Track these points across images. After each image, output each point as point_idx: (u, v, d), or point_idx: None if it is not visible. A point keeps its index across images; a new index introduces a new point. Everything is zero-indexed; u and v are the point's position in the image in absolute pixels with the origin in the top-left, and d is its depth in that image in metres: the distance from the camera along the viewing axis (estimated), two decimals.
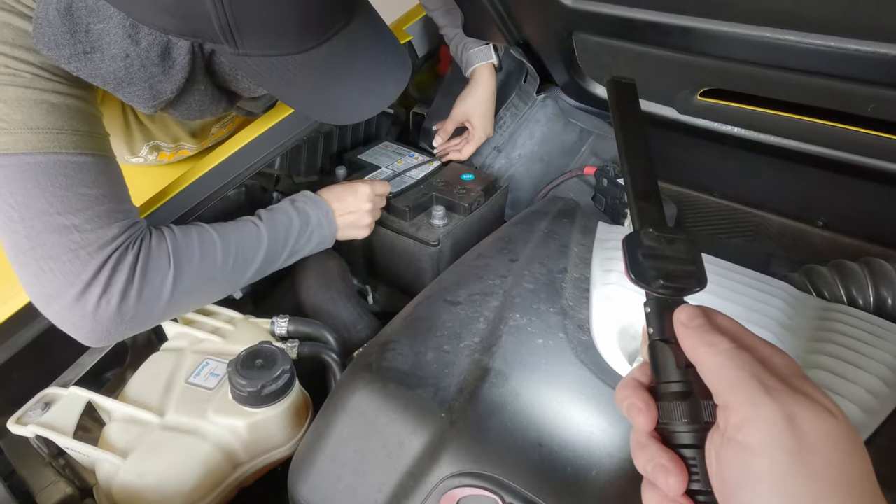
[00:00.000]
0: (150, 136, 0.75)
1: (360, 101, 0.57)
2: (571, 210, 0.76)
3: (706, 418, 0.28)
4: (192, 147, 0.83)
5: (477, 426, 0.41)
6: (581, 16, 0.66)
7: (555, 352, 0.48)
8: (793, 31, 0.52)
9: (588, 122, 0.96)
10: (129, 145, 0.74)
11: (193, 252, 0.55)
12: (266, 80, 0.51)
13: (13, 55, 0.47)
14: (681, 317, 0.30)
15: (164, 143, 0.78)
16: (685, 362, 0.29)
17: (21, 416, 0.52)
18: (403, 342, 0.49)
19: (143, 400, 0.54)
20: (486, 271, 0.60)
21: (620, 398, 0.31)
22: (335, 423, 0.46)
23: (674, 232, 0.33)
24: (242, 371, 0.51)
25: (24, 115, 0.48)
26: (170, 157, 0.83)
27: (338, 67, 0.52)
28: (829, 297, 0.67)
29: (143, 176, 0.86)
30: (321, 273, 0.75)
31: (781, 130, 0.71)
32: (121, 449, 0.50)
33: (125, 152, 0.76)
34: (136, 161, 0.79)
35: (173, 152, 0.82)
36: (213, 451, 0.51)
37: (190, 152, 0.85)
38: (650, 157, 0.38)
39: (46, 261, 0.49)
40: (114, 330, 0.52)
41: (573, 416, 0.42)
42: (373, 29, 0.56)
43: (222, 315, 0.65)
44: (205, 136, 0.83)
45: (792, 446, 0.23)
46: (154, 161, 0.81)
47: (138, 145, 0.75)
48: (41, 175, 0.48)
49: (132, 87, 0.50)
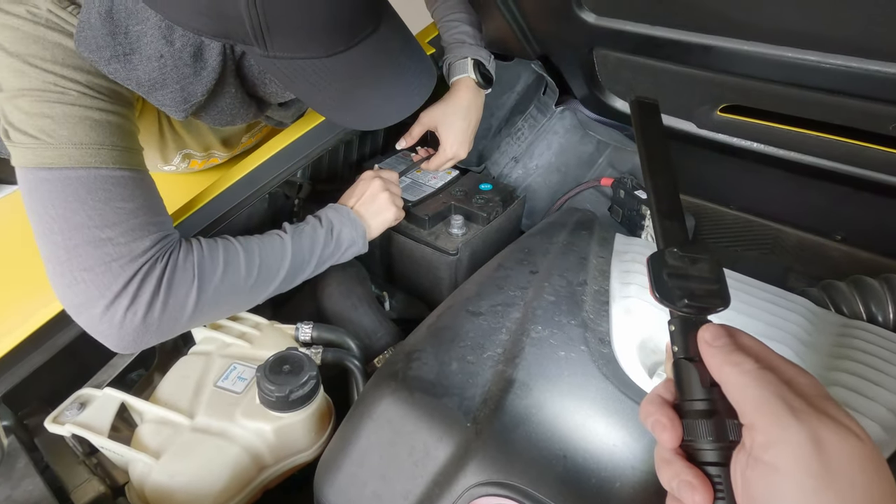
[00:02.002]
0: (183, 144, 0.77)
1: (386, 107, 0.58)
2: (589, 221, 0.77)
3: (731, 437, 0.28)
4: (222, 155, 0.85)
5: (502, 436, 0.42)
6: (603, 32, 0.67)
7: (577, 364, 0.49)
8: (814, 52, 0.53)
9: (606, 135, 0.97)
10: (163, 154, 0.77)
11: (217, 265, 0.57)
12: (294, 83, 0.52)
13: (62, 74, 0.50)
14: (705, 336, 0.30)
15: (195, 151, 0.80)
16: (710, 381, 0.30)
17: (58, 415, 0.54)
18: (428, 351, 0.51)
19: (174, 402, 0.56)
20: (506, 282, 0.61)
21: (645, 414, 0.31)
22: (362, 430, 0.47)
23: (698, 251, 0.34)
24: (271, 376, 0.53)
25: (69, 132, 0.50)
26: (200, 164, 0.85)
27: (365, 73, 0.54)
28: (847, 313, 0.67)
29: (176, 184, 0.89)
30: (342, 280, 0.77)
31: (800, 146, 0.72)
32: (153, 449, 0.52)
33: (158, 161, 0.78)
34: (168, 169, 0.81)
35: (204, 160, 0.84)
36: (241, 454, 0.53)
37: (220, 160, 0.87)
38: (674, 177, 0.38)
39: (81, 272, 0.51)
40: (139, 339, 0.53)
41: (596, 429, 0.43)
42: (399, 36, 0.57)
43: (248, 320, 0.67)
44: (235, 144, 0.85)
45: (818, 468, 0.24)
46: (185, 169, 0.83)
47: (171, 154, 0.78)
48: (82, 189, 0.50)
49: (165, 90, 0.52)
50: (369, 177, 0.75)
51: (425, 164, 0.88)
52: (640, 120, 0.40)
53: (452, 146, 0.84)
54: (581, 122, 0.98)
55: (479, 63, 0.84)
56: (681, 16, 0.58)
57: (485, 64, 0.85)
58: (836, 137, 0.66)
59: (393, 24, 0.56)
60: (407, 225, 0.81)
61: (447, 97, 0.84)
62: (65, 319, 0.56)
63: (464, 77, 0.83)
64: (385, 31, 0.54)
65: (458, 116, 0.83)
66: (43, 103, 0.50)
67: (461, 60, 0.84)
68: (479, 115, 0.87)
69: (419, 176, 0.89)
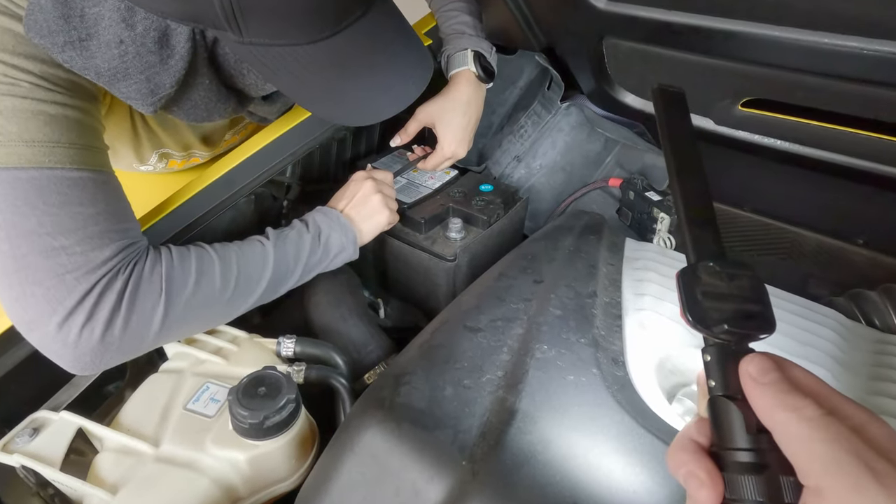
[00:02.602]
0: (160, 143, 0.72)
1: (378, 100, 0.53)
2: (598, 225, 0.71)
3: (787, 499, 0.23)
4: (203, 155, 0.80)
5: (503, 478, 0.36)
6: (614, 19, 0.61)
7: (588, 391, 0.43)
8: (853, 37, 0.47)
9: (614, 132, 0.92)
10: (138, 153, 0.71)
11: (189, 276, 0.52)
12: (274, 73, 0.47)
13: (12, 63, 0.45)
14: (750, 369, 0.25)
15: (174, 150, 0.75)
16: (756, 426, 0.25)
17: (7, 442, 0.48)
18: (419, 374, 0.45)
19: (138, 427, 0.51)
20: (508, 293, 0.56)
21: (676, 464, 0.26)
22: (343, 465, 0.42)
23: (736, 266, 0.29)
24: (244, 400, 0.47)
25: (19, 127, 0.45)
26: (180, 164, 0.79)
27: (353, 62, 0.48)
28: (880, 325, 0.62)
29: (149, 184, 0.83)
30: (331, 289, 0.71)
31: (828, 143, 0.66)
32: (111, 483, 0.46)
33: (133, 160, 0.73)
34: (144, 169, 0.76)
35: (184, 160, 0.79)
36: (210, 487, 0.47)
37: (201, 160, 0.81)
38: (704, 178, 0.34)
39: (30, 285, 0.45)
40: (98, 359, 0.48)
41: (612, 471, 0.37)
42: (392, 21, 0.52)
43: (226, 334, 0.61)
44: (217, 143, 0.80)
45: None
46: (163, 169, 0.78)
47: (147, 153, 0.72)
48: (33, 192, 0.45)
49: (128, 81, 0.47)
50: (361, 177, 0.69)
51: (422, 163, 0.83)
52: (664, 111, 0.35)
53: (451, 144, 0.79)
54: (588, 119, 0.93)
55: (480, 55, 0.78)
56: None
57: (486, 56, 0.79)
58: (869, 133, 0.61)
59: (384, 7, 0.50)
60: (402, 228, 0.76)
61: (445, 91, 0.79)
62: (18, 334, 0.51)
63: (463, 70, 0.78)
64: (375, 16, 0.48)
65: (456, 112, 0.78)
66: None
67: (460, 52, 0.78)
68: (480, 112, 0.81)
69: (415, 176, 0.84)
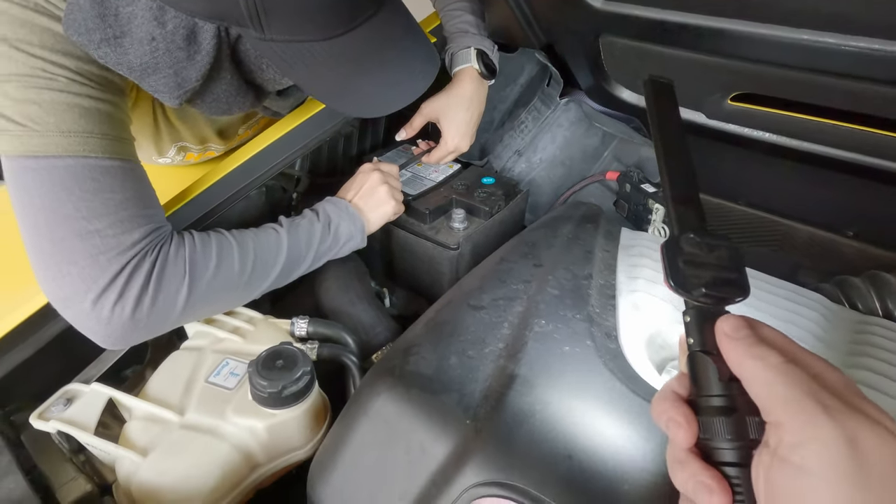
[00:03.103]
0: (179, 136, 0.76)
1: (388, 93, 0.56)
2: (595, 215, 0.74)
3: (752, 435, 0.27)
4: (218, 148, 0.83)
5: (503, 435, 0.40)
6: (610, 18, 0.65)
7: (582, 360, 0.46)
8: (834, 34, 0.50)
9: (612, 127, 0.95)
10: (158, 146, 0.75)
11: (210, 259, 0.55)
12: (292, 68, 0.50)
13: (51, 59, 0.48)
14: (724, 327, 0.28)
15: (191, 144, 0.78)
16: (728, 375, 0.28)
17: (43, 411, 0.52)
18: (426, 346, 0.49)
19: (164, 398, 0.54)
20: (509, 276, 0.59)
21: (658, 412, 0.29)
22: (356, 428, 0.45)
23: (715, 238, 0.32)
24: (263, 372, 0.51)
25: (56, 119, 0.48)
26: (196, 157, 0.83)
27: (365, 57, 0.52)
28: (863, 309, 0.65)
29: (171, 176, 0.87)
30: (340, 275, 0.75)
31: (815, 136, 0.69)
32: (141, 447, 0.50)
33: (153, 153, 0.76)
34: (163, 161, 0.80)
35: (200, 153, 0.82)
36: (231, 452, 0.51)
37: (216, 153, 0.85)
38: (689, 159, 0.37)
39: (67, 265, 0.49)
40: (128, 335, 0.51)
41: (603, 428, 0.40)
42: (402, 19, 0.55)
43: (242, 315, 0.65)
44: (232, 136, 0.84)
45: (852, 470, 0.22)
46: (181, 162, 0.82)
47: (166, 146, 0.76)
48: (69, 178, 0.48)
49: (157, 75, 0.50)
50: (368, 169, 0.73)
51: (426, 157, 0.86)
52: (654, 99, 0.38)
53: (454, 138, 0.82)
54: (586, 115, 0.96)
55: (483, 53, 0.82)
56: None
57: (488, 54, 0.82)
58: (853, 126, 0.64)
59: (394, 6, 0.54)
60: (407, 219, 0.79)
61: (449, 88, 0.82)
62: (52, 311, 0.54)
63: (466, 67, 0.81)
64: (386, 14, 0.52)
65: (460, 108, 0.81)
66: (30, 89, 0.48)
67: (464, 50, 0.81)
68: (482, 107, 0.84)
69: (420, 169, 0.87)
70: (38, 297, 0.56)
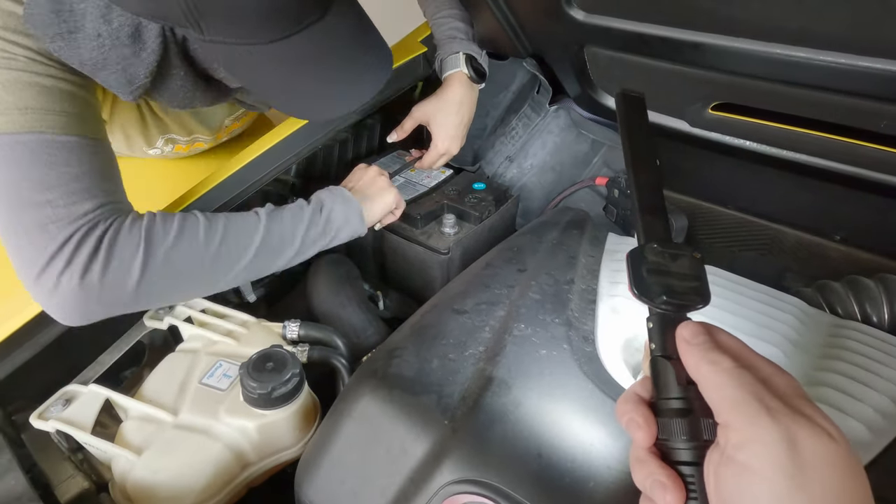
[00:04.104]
0: (166, 128, 0.76)
1: (331, 99, 0.56)
2: (581, 221, 0.76)
3: (706, 436, 0.28)
4: (206, 139, 0.84)
5: (478, 434, 0.42)
6: (593, 30, 0.66)
7: (558, 363, 0.48)
8: (803, 48, 0.52)
9: (600, 134, 0.97)
10: (146, 137, 0.76)
11: (170, 230, 0.53)
12: (236, 69, 0.51)
13: (10, 39, 0.49)
14: (683, 333, 0.30)
15: (179, 136, 0.79)
16: (686, 379, 0.29)
17: (43, 411, 0.54)
18: (410, 349, 0.50)
19: (159, 399, 0.56)
20: (493, 281, 0.61)
21: (621, 412, 0.31)
22: (341, 428, 0.47)
23: (678, 247, 0.33)
24: (254, 374, 0.53)
25: (14, 97, 0.49)
26: (185, 149, 0.83)
27: (308, 63, 0.51)
28: (842, 313, 0.66)
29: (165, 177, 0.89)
30: (332, 279, 0.76)
31: (794, 145, 0.71)
32: (136, 446, 0.52)
33: (143, 144, 0.77)
34: (153, 153, 0.80)
35: (189, 145, 0.83)
36: (223, 451, 0.53)
37: (205, 145, 0.85)
38: (657, 172, 0.38)
39: (21, 236, 0.49)
40: (82, 307, 0.50)
41: (573, 428, 0.42)
42: (351, 24, 0.54)
43: (236, 318, 0.67)
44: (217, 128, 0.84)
45: (791, 468, 0.23)
46: (171, 153, 0.82)
47: (154, 138, 0.76)
48: (27, 154, 0.49)
49: (107, 71, 0.51)
50: (364, 167, 0.74)
51: (418, 162, 0.88)
52: (624, 113, 0.39)
53: (444, 141, 0.83)
54: (575, 122, 0.98)
55: (472, 57, 0.83)
56: (669, 12, 0.58)
57: (477, 58, 0.84)
58: (829, 135, 0.65)
59: (342, 12, 0.53)
60: (399, 224, 0.80)
61: (439, 92, 0.84)
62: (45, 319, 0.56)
63: (456, 72, 0.82)
64: (333, 20, 0.51)
65: (450, 111, 0.83)
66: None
67: (453, 55, 0.83)
68: (472, 111, 0.85)
69: (412, 175, 0.89)
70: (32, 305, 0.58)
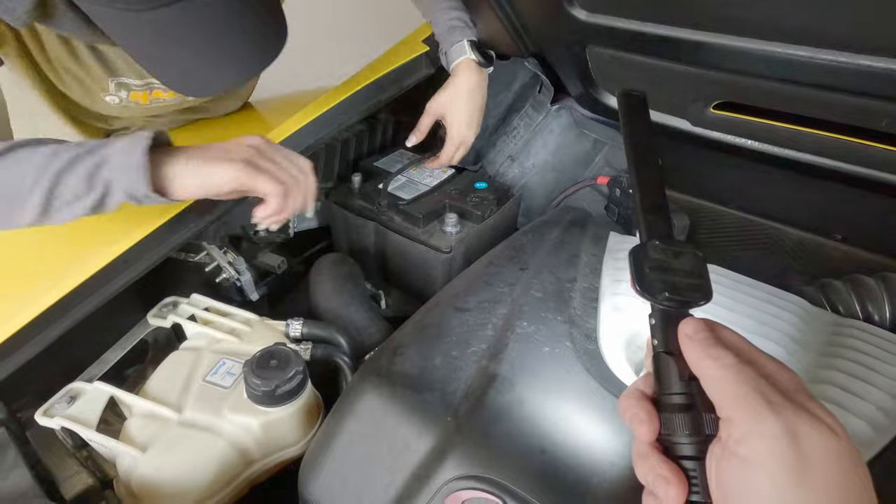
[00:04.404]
0: (114, 70, 0.73)
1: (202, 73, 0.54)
2: (583, 220, 0.76)
3: (708, 431, 0.28)
4: (165, 88, 0.78)
5: (482, 431, 0.42)
6: (595, 30, 0.67)
7: (560, 360, 0.48)
8: (805, 47, 0.52)
9: (602, 133, 0.97)
10: (95, 80, 0.73)
11: None
12: (105, 27, 0.50)
13: None
14: (686, 329, 0.30)
15: (130, 79, 0.75)
16: (688, 374, 0.30)
17: (48, 408, 0.54)
18: (413, 347, 0.51)
19: (163, 396, 0.56)
20: (495, 279, 0.61)
21: (623, 408, 0.31)
22: (344, 425, 0.47)
23: (680, 245, 0.33)
24: (257, 371, 0.53)
25: None
26: (143, 98, 0.79)
27: (176, 37, 0.50)
28: (843, 311, 0.66)
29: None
30: (335, 277, 0.77)
31: (796, 144, 0.71)
32: (140, 443, 0.52)
33: (97, 89, 0.74)
34: (110, 99, 0.77)
35: (145, 91, 0.78)
36: (227, 448, 0.53)
37: (164, 94, 0.80)
38: (659, 170, 0.38)
39: None
40: None
41: (576, 424, 0.42)
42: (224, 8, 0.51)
43: (239, 316, 0.67)
44: None
45: (792, 463, 0.24)
46: (127, 100, 0.78)
47: (104, 81, 0.73)
48: None
49: None
50: (253, 139, 0.59)
51: (436, 161, 0.87)
52: (626, 112, 0.39)
53: (459, 129, 0.83)
54: (577, 121, 0.98)
55: (476, 43, 0.82)
56: (671, 11, 0.58)
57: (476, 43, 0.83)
58: (832, 134, 0.65)
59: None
60: (401, 223, 0.81)
61: (449, 83, 0.83)
62: (56, 313, 0.57)
63: (463, 60, 0.81)
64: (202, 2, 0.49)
65: (462, 99, 0.82)
66: None
67: (457, 44, 0.82)
68: (485, 96, 0.84)
69: (415, 174, 0.90)
70: (43, 299, 0.58)
